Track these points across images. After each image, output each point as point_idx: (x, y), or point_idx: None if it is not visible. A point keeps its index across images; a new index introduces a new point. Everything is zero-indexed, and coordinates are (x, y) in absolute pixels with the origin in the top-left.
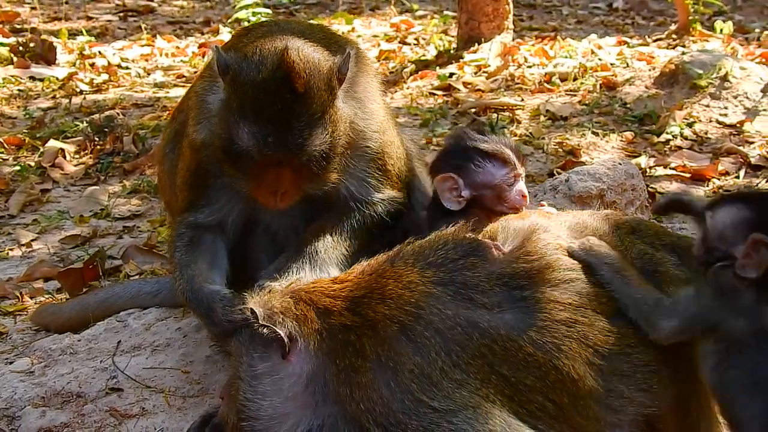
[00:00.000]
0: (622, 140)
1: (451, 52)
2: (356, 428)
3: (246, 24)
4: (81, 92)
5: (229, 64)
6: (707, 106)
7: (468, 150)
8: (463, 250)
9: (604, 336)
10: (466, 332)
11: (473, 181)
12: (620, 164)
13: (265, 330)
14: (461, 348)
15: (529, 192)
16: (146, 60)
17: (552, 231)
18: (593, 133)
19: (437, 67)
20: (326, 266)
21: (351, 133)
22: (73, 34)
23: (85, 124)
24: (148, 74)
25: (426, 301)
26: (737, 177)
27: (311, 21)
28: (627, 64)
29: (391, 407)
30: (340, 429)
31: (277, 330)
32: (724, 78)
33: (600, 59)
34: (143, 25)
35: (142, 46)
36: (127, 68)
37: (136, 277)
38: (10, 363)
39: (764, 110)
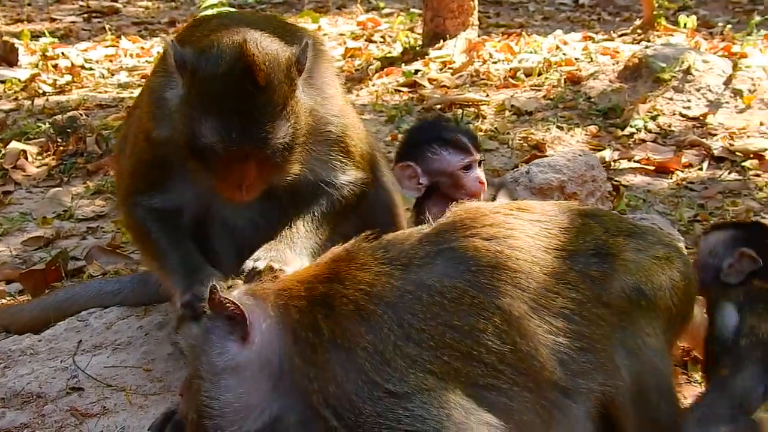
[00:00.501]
0: (586, 134)
1: (417, 49)
2: (310, 411)
3: None
4: (44, 93)
5: (187, 59)
6: (670, 99)
7: (425, 139)
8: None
9: (544, 291)
10: (415, 296)
11: (430, 168)
12: (581, 156)
13: (226, 304)
14: (412, 315)
15: (490, 185)
16: (110, 61)
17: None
18: (558, 127)
19: (403, 64)
20: (303, 257)
21: (312, 120)
22: (36, 35)
23: (47, 126)
24: (112, 75)
25: (378, 279)
26: (700, 169)
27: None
28: (591, 58)
29: (345, 388)
30: (297, 410)
31: (238, 305)
32: (687, 71)
33: (565, 54)
34: (107, 26)
35: (107, 47)
36: (90, 69)
37: (100, 277)
38: None
39: (727, 103)
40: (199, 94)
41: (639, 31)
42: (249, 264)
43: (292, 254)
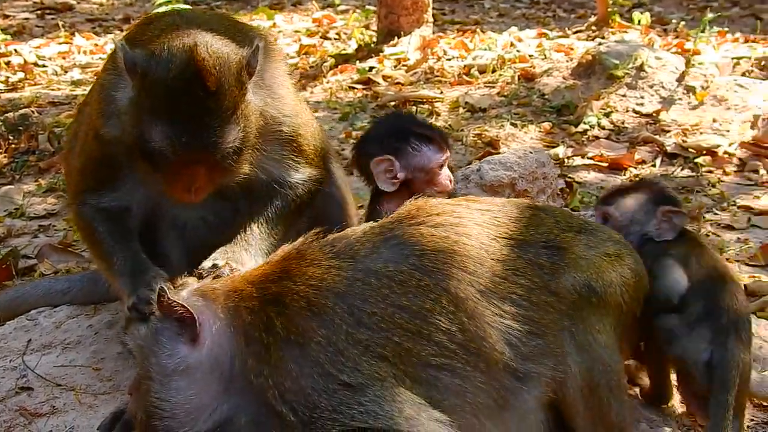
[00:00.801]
0: (540, 131)
1: (372, 46)
2: (264, 408)
3: None
4: None
5: (137, 62)
6: (624, 95)
7: (405, 133)
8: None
9: (492, 276)
10: (364, 282)
11: (409, 163)
12: (531, 153)
13: (175, 307)
14: (362, 301)
15: None
16: (64, 58)
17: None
18: (512, 124)
19: (357, 61)
20: (258, 258)
21: (263, 120)
22: None
23: None
24: (66, 72)
25: (327, 273)
26: (653, 165)
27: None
28: (545, 55)
29: (300, 383)
30: (249, 411)
31: (187, 308)
32: (640, 68)
33: (519, 51)
34: (61, 23)
35: (60, 43)
36: (43, 66)
37: (51, 276)
38: None
39: (680, 99)
40: (150, 97)
41: (593, 28)
42: (207, 264)
43: (248, 256)
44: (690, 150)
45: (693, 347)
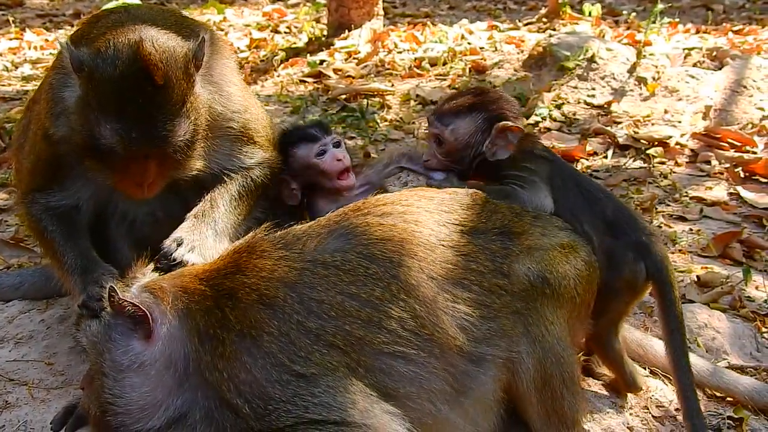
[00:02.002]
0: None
1: (322, 39)
2: (218, 403)
3: None
4: None
5: (83, 60)
6: (575, 87)
7: (281, 149)
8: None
9: (442, 262)
10: (312, 272)
11: (294, 171)
12: None
13: (126, 306)
14: (311, 289)
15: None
16: (14, 53)
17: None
18: None
19: (308, 55)
20: (224, 236)
21: (210, 116)
22: None
23: None
24: (16, 68)
25: (278, 264)
26: (605, 157)
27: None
28: (496, 48)
29: (254, 374)
30: (203, 406)
31: (139, 306)
32: (591, 59)
33: (470, 43)
34: (11, 19)
35: (10, 39)
36: None
37: (3, 270)
38: None
39: (631, 91)
40: (97, 95)
41: (544, 19)
42: (171, 247)
43: (213, 240)
44: (642, 141)
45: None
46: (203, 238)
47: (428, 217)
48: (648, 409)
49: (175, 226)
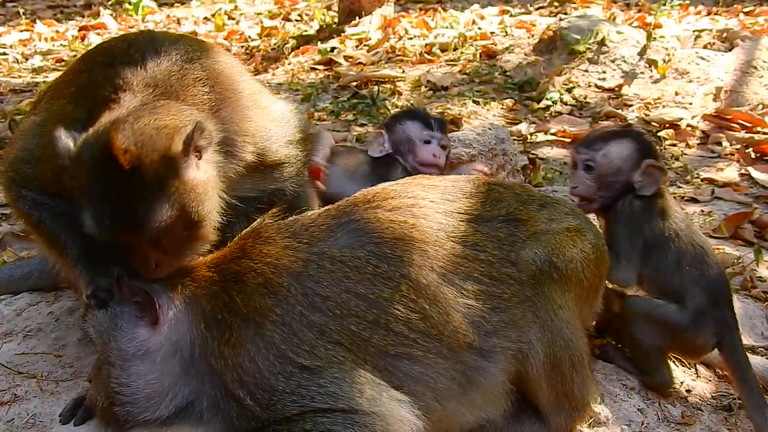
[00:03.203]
0: (502, 108)
1: (333, 26)
2: (224, 393)
3: (127, 5)
4: None
5: (68, 151)
6: (586, 71)
7: (402, 115)
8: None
9: (451, 256)
10: (318, 266)
11: (394, 135)
12: (490, 129)
13: (135, 290)
14: (316, 283)
15: None
16: (24, 45)
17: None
18: (474, 101)
19: (319, 42)
20: None
21: (228, 167)
22: None
23: None
24: (27, 59)
25: (284, 252)
26: None
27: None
28: (507, 32)
29: (258, 364)
30: (209, 395)
31: (146, 291)
32: (602, 43)
33: (480, 29)
34: (22, 10)
35: (21, 31)
36: (4, 54)
37: (13, 262)
38: None
39: (641, 73)
40: (78, 182)
41: (556, 3)
42: None
43: None
44: (653, 123)
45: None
46: None
47: (435, 209)
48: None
49: None
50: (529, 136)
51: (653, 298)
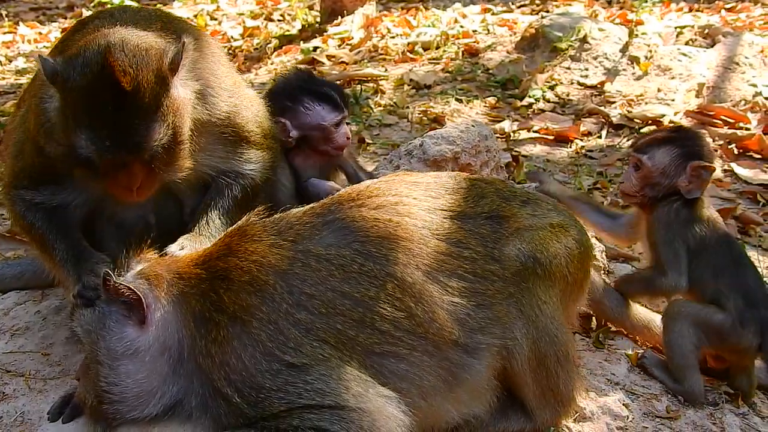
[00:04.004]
0: (485, 106)
1: (316, 26)
2: (212, 391)
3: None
4: None
5: (57, 71)
6: (568, 68)
7: (298, 92)
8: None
9: (436, 254)
10: (304, 264)
11: (302, 122)
12: (473, 126)
13: (121, 291)
14: (302, 281)
15: (384, 158)
16: (8, 47)
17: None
18: (457, 100)
19: (302, 42)
20: None
21: (198, 118)
22: None
23: None
24: (10, 61)
25: (270, 250)
26: (599, 137)
27: (156, 7)
28: (489, 30)
29: (244, 362)
30: (198, 394)
31: (134, 290)
32: (584, 40)
33: (462, 27)
34: (5, 12)
35: (4, 33)
36: None
37: (4, 261)
38: None
39: (624, 70)
40: (71, 105)
41: (537, 1)
42: (173, 248)
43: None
44: (635, 120)
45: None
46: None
47: (419, 206)
48: (644, 386)
49: (169, 228)
50: (512, 134)
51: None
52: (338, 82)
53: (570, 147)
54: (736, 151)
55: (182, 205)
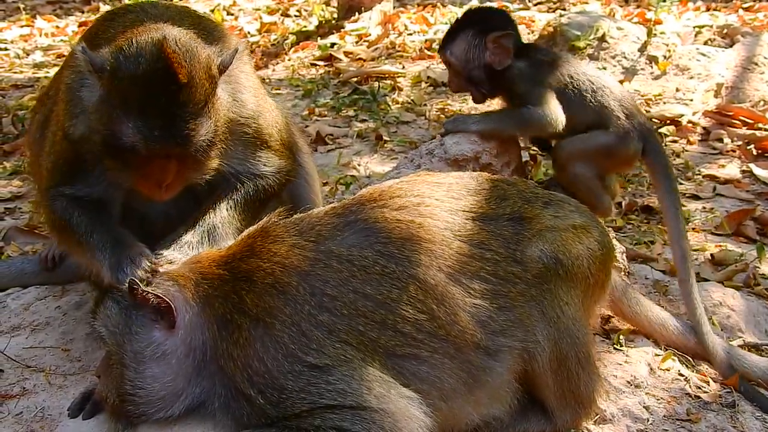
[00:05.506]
0: (503, 104)
1: (333, 22)
2: (234, 392)
3: (126, 1)
4: None
5: (104, 62)
6: None
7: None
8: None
9: (458, 255)
10: (326, 265)
11: None
12: None
13: (150, 298)
14: (324, 282)
15: (405, 157)
16: (25, 41)
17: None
18: None
19: (319, 38)
20: (223, 241)
21: (229, 116)
22: None
23: None
24: (28, 55)
25: (291, 251)
26: None
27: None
28: None
29: (267, 364)
30: (220, 395)
31: (163, 297)
32: (602, 39)
33: None
34: (22, 6)
35: (21, 26)
36: (5, 49)
37: (24, 256)
38: None
39: (642, 69)
40: (120, 94)
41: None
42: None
43: (209, 246)
44: (654, 120)
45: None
46: (199, 246)
47: (442, 207)
48: (665, 388)
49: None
50: None
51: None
52: (355, 79)
53: None
54: (755, 152)
55: (200, 202)
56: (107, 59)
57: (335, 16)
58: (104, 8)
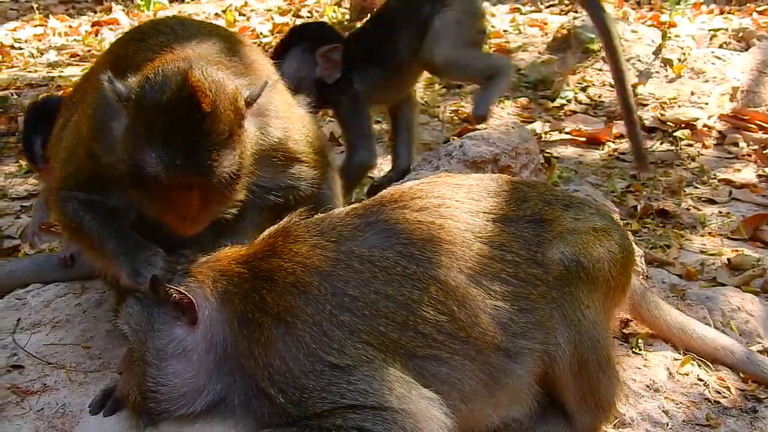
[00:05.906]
0: (516, 106)
1: (345, 23)
2: (255, 390)
3: (139, 1)
4: None
5: (130, 91)
6: (600, 69)
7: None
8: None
9: (479, 257)
10: (347, 265)
11: None
12: (513, 128)
13: (172, 294)
14: (345, 283)
15: (423, 159)
16: (39, 40)
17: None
18: None
19: None
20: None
21: (256, 145)
22: None
23: None
24: (42, 54)
25: (312, 251)
26: None
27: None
28: (520, 30)
29: (288, 363)
30: (241, 392)
31: (185, 293)
32: None
33: (493, 27)
34: (35, 6)
35: (35, 26)
36: (20, 49)
37: (45, 253)
38: None
39: (657, 73)
40: (144, 122)
41: (566, 2)
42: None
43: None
44: (668, 123)
45: None
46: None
47: (462, 208)
48: (684, 393)
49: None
50: (543, 135)
51: None
52: None
53: (602, 149)
54: None
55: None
56: (133, 88)
57: (347, 17)
58: (116, 8)
